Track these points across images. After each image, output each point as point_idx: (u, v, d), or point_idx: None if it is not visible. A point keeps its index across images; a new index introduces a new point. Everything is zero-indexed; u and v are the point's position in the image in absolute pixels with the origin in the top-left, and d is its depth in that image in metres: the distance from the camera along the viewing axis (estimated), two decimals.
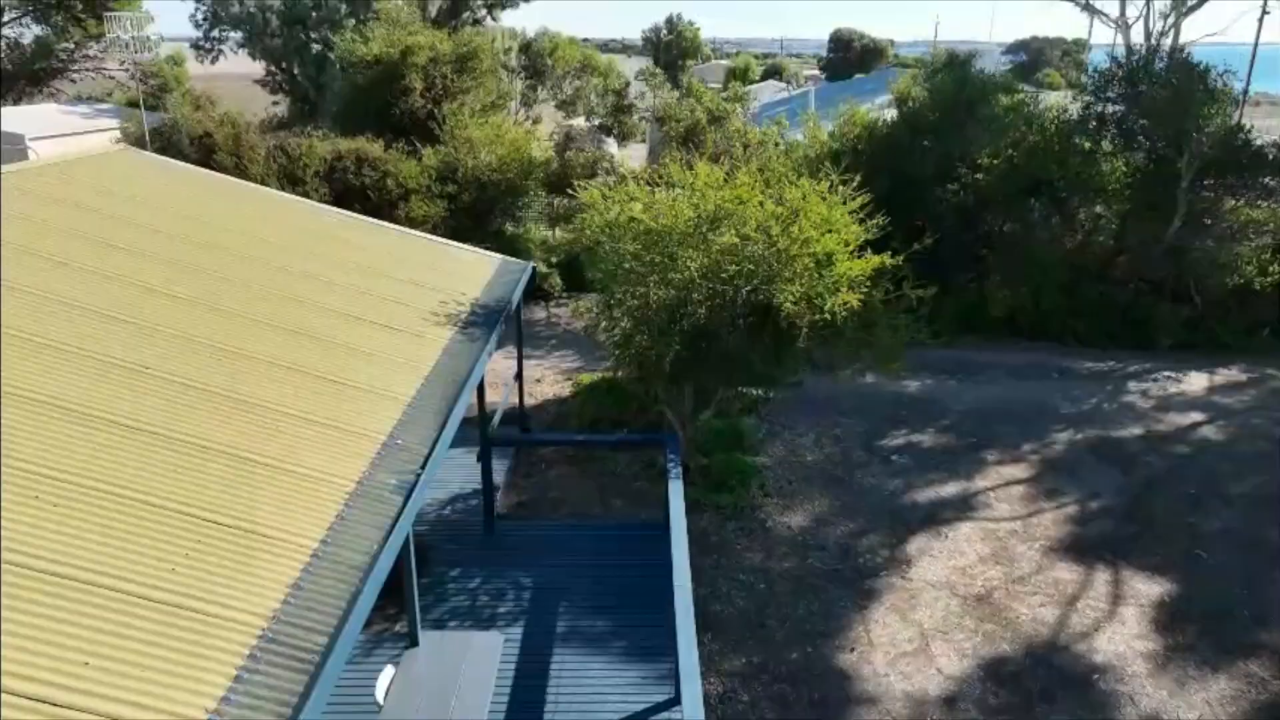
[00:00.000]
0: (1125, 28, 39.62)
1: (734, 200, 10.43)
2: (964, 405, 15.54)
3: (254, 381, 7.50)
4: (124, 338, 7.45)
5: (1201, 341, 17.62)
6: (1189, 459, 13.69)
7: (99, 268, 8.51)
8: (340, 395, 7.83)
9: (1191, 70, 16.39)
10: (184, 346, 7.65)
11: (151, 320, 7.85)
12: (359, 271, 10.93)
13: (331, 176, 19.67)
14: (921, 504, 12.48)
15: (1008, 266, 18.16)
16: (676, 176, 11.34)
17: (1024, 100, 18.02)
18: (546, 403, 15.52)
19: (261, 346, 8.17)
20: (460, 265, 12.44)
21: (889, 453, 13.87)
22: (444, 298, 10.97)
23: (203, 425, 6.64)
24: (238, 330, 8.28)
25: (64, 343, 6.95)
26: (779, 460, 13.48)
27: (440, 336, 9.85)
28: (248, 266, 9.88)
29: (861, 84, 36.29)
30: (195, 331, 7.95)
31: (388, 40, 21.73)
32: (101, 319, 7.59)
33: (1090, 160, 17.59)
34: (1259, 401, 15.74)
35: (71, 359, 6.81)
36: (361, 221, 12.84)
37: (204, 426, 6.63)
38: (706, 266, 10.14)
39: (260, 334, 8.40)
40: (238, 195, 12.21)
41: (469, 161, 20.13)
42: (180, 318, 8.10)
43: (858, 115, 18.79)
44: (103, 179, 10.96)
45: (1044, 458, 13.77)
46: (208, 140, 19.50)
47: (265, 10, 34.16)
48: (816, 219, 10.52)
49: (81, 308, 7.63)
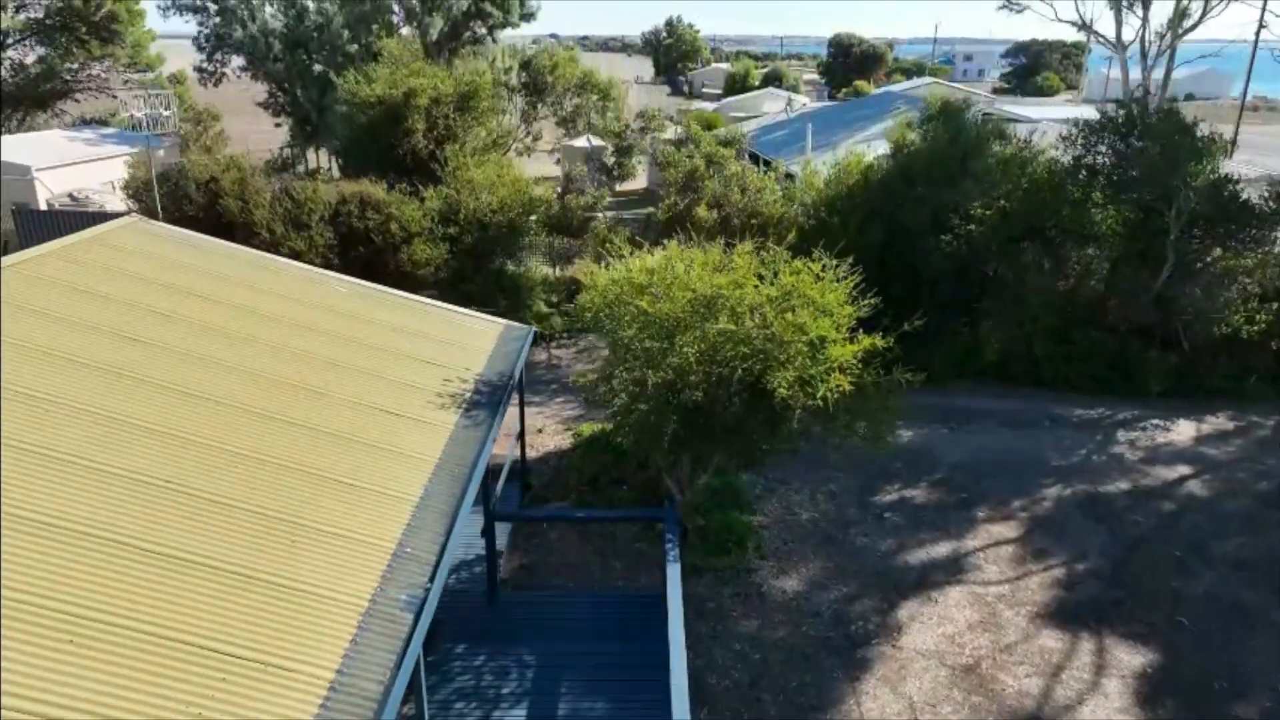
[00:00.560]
0: (1122, 48, 39.97)
1: (731, 285, 10.75)
2: (956, 457, 15.88)
3: (265, 489, 7.83)
4: (126, 442, 7.73)
5: (1190, 388, 17.95)
6: (1174, 517, 14.03)
7: (111, 362, 8.83)
8: (350, 499, 8.17)
9: (1179, 125, 16.70)
10: (191, 452, 7.93)
11: (158, 423, 8.14)
12: (367, 351, 11.26)
13: (336, 220, 19.97)
14: (913, 566, 12.82)
15: (1000, 312, 18.49)
16: (675, 257, 11.64)
17: (1017, 152, 18.29)
18: (548, 454, 15.87)
19: (273, 447, 8.51)
20: (464, 335, 12.78)
21: (882, 510, 14.21)
22: (449, 375, 11.31)
23: (214, 544, 6.95)
24: (249, 430, 8.61)
25: (68, 453, 7.24)
26: (774, 519, 13.82)
27: (446, 421, 10.19)
28: (258, 354, 10.21)
29: (860, 108, 36.56)
30: (204, 434, 8.27)
31: (390, 81, 22.03)
32: (107, 422, 7.89)
33: (1082, 208, 17.91)
34: (1244, 453, 16.07)
35: (77, 472, 7.10)
36: (369, 291, 13.19)
37: (216, 545, 6.94)
38: (703, 351, 10.47)
39: (271, 433, 8.73)
40: (245, 267, 12.52)
41: (470, 203, 20.44)
42: (188, 419, 8.41)
43: (853, 163, 19.09)
44: (116, 259, 11.29)
45: (1033, 515, 14.11)
46: (214, 185, 19.79)
47: (268, 35, 34.45)
48: (810, 299, 10.85)
49: (88, 411, 7.93)
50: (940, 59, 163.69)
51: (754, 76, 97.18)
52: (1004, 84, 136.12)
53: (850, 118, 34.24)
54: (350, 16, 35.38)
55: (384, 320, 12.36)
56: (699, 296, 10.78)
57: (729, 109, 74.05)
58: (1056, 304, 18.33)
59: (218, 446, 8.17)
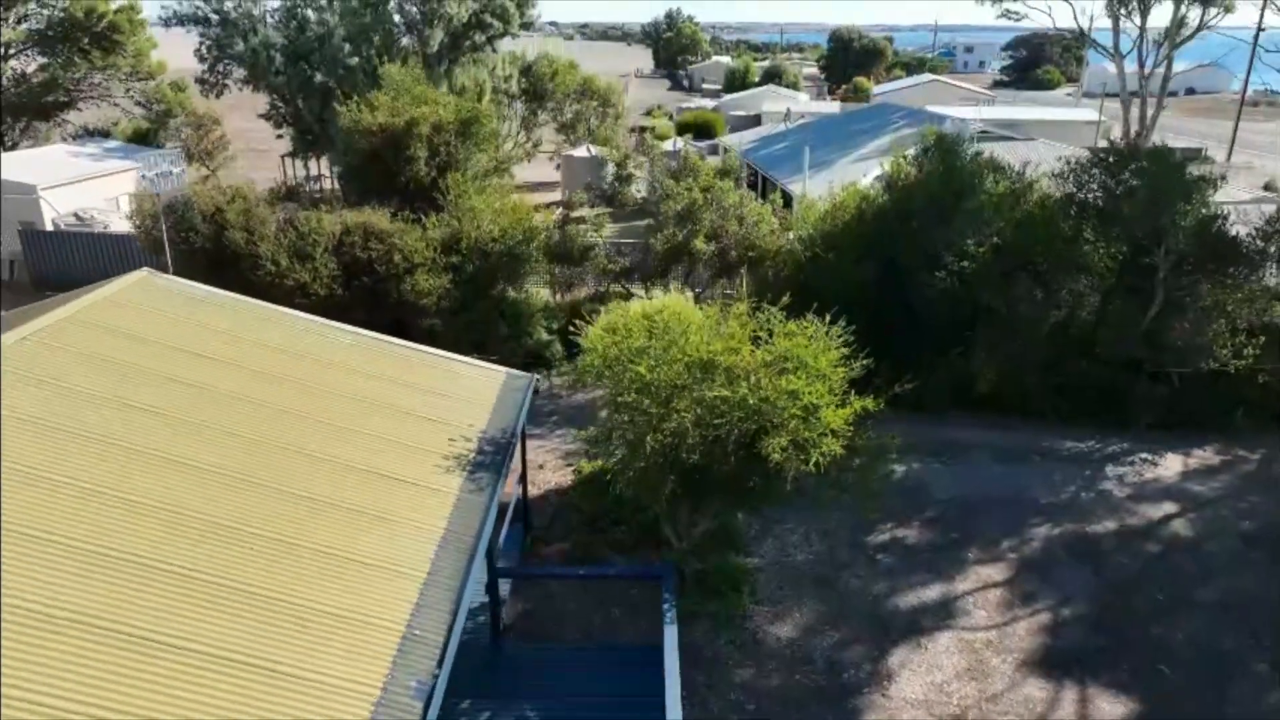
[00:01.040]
0: (1120, 57, 40.24)
1: (727, 350, 11.09)
2: (948, 493, 16.25)
3: (273, 571, 8.17)
4: (122, 521, 8.02)
5: (1179, 421, 18.29)
6: (1158, 559, 14.41)
7: (111, 434, 9.15)
8: (357, 577, 8.52)
9: (1168, 165, 17.00)
10: (193, 531, 8.24)
11: (156, 500, 8.45)
12: (372, 409, 11.61)
13: (340, 250, 20.27)
14: (904, 610, 13.21)
15: (993, 343, 18.80)
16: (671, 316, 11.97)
17: (1010, 188, 18.57)
18: (548, 492, 16.25)
19: (280, 523, 8.84)
20: (467, 388, 13.11)
21: (875, 550, 14.59)
22: (453, 434, 11.65)
23: (222, 632, 7.28)
24: (249, 505, 8.92)
25: (65, 536, 7.52)
26: (769, 561, 14.20)
27: (450, 486, 10.55)
28: (262, 419, 10.52)
29: (857, 120, 36.76)
30: (206, 510, 8.57)
31: (392, 110, 22.29)
32: (105, 500, 8.20)
33: (1073, 243, 18.21)
34: (1229, 489, 16.44)
35: (75, 556, 7.39)
36: (373, 342, 13.50)
37: (224, 633, 7.27)
38: (699, 415, 10.81)
39: (278, 508, 9.07)
40: (250, 321, 12.83)
41: (472, 233, 20.74)
42: (189, 494, 8.71)
43: (848, 197, 19.37)
44: (126, 321, 11.59)
45: (1022, 556, 14.49)
46: (219, 217, 20.08)
47: (269, 48, 34.64)
48: (804, 362, 11.19)
49: (84, 488, 8.23)
50: (941, 51, 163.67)
51: (754, 73, 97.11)
52: (1004, 77, 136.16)
53: (848, 131, 34.48)
54: (351, 29, 35.54)
55: (388, 374, 12.69)
56: (696, 361, 11.12)
57: (728, 107, 74.28)
58: (1048, 336, 18.64)
59: (222, 524, 8.49)
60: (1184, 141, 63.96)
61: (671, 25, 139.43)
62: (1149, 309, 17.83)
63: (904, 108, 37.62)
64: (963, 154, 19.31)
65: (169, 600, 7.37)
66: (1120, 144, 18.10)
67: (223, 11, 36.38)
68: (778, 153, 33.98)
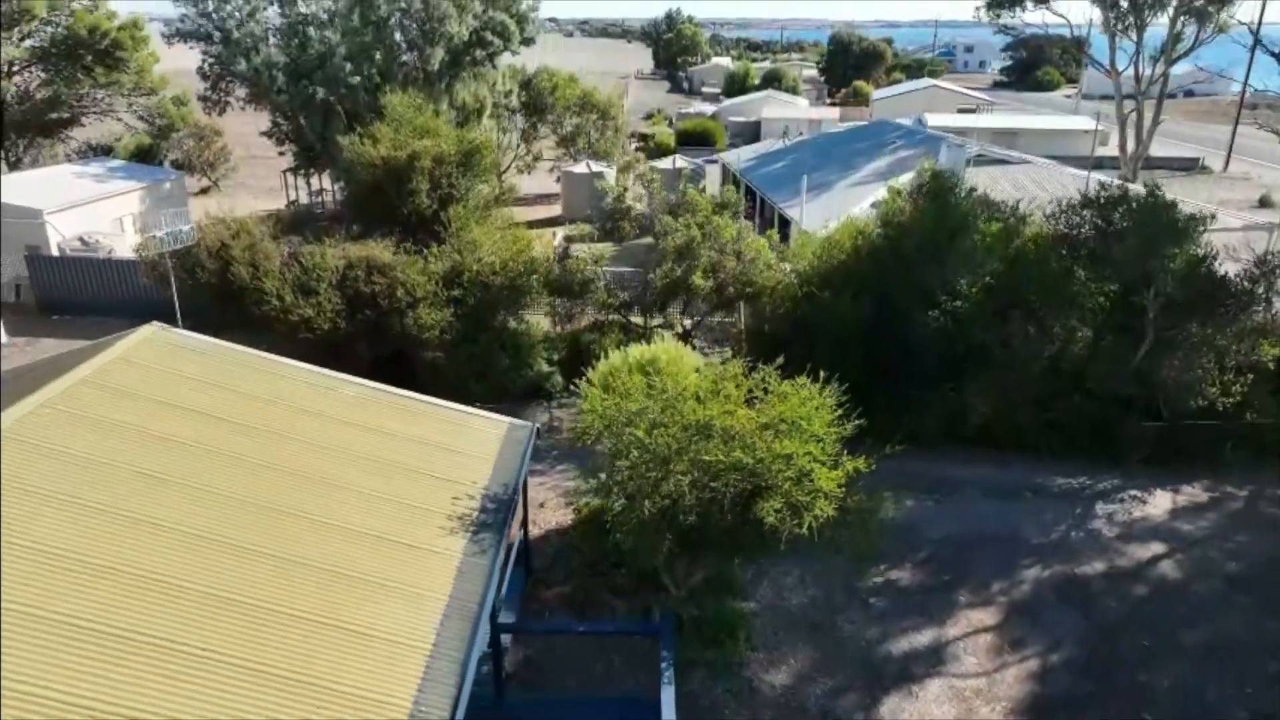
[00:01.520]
0: (1116, 74, 40.50)
1: (722, 414, 11.40)
2: (941, 532, 16.57)
3: (276, 646, 8.48)
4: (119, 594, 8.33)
5: (1169, 455, 18.61)
6: (1146, 602, 14.73)
7: (120, 507, 9.46)
8: (360, 650, 8.83)
9: (1158, 209, 17.29)
10: (197, 608, 8.54)
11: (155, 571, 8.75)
12: (376, 468, 11.92)
13: (343, 285, 20.57)
14: (896, 656, 13.54)
15: (985, 378, 19.10)
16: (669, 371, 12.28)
17: (1004, 226, 18.87)
18: (549, 532, 16.58)
19: (282, 594, 9.15)
20: (469, 441, 13.42)
21: (868, 594, 14.91)
22: (456, 492, 11.98)
23: (206, 706, 7.55)
24: (252, 576, 9.21)
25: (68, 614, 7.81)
26: (765, 605, 14.52)
27: (454, 549, 10.87)
28: (267, 482, 10.84)
29: (855, 139, 37.01)
30: (204, 582, 8.85)
31: (394, 143, 22.59)
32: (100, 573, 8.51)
33: (1065, 281, 18.52)
34: (1216, 528, 16.77)
35: (78, 636, 7.70)
36: (377, 395, 13.81)
37: (208, 707, 7.54)
38: (696, 478, 11.13)
39: (284, 578, 9.39)
40: (257, 376, 13.15)
41: (473, 266, 21.05)
42: (192, 566, 9.00)
43: (843, 235, 19.65)
44: (135, 381, 11.90)
45: (1011, 599, 14.81)
46: (224, 253, 20.39)
47: (271, 67, 34.90)
48: (797, 424, 11.51)
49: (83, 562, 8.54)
50: (941, 51, 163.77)
51: (753, 76, 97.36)
52: (1004, 78, 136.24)
53: (846, 151, 34.73)
54: (352, 48, 35.81)
55: (392, 429, 13.01)
56: (692, 424, 11.43)
57: (728, 113, 74.60)
58: (1040, 371, 18.94)
59: (225, 598, 8.80)
60: (1182, 149, 64.28)
61: (671, 26, 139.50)
62: (1140, 347, 18.13)
63: (901, 126, 37.87)
64: (957, 191, 19.62)
65: (165, 677, 7.68)
66: (1112, 186, 18.33)
67: (225, 29, 36.65)
68: (776, 172, 34.24)
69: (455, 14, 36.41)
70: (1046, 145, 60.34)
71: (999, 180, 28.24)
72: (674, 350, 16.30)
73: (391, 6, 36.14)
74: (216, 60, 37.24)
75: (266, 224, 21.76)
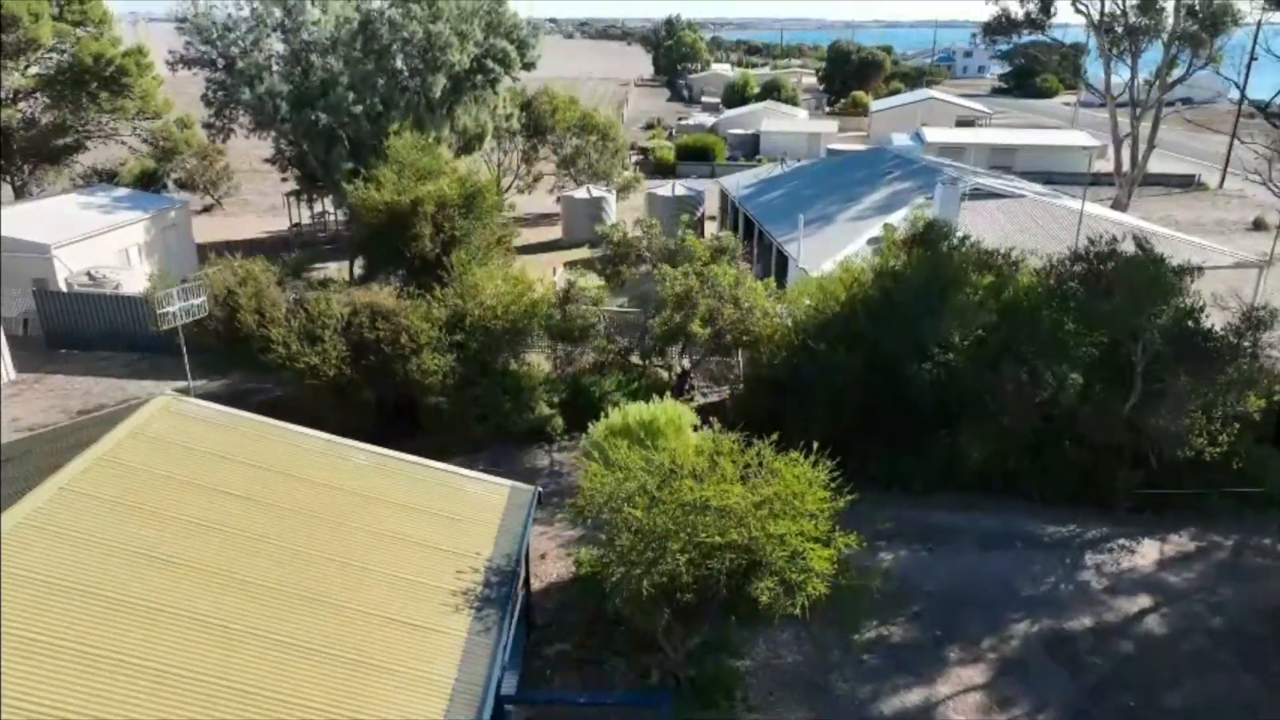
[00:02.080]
0: (1112, 99, 40.90)
1: (718, 493, 11.81)
2: (933, 585, 16.95)
3: None
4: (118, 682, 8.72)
5: (1158, 503, 19.01)
6: (1131, 660, 15.12)
7: (133, 596, 9.86)
8: None
9: (1145, 267, 17.68)
10: (198, 697, 8.94)
11: (155, 661, 9.13)
12: (381, 542, 12.32)
13: (349, 331, 20.99)
14: (888, 716, 13.94)
15: (978, 425, 19.50)
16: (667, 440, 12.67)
17: (996, 281, 19.26)
18: (550, 586, 16.97)
19: (291, 682, 9.53)
20: (473, 507, 13.82)
21: (861, 650, 15.30)
22: (460, 564, 12.38)
23: None
24: (262, 664, 9.60)
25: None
26: (761, 663, 14.92)
27: (459, 628, 11.26)
28: (275, 562, 11.24)
29: (853, 168, 37.37)
30: (209, 671, 9.24)
31: (397, 188, 22.99)
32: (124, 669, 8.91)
33: (1056, 332, 18.91)
34: (1202, 580, 17.17)
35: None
36: (384, 461, 14.22)
37: None
38: (692, 557, 11.54)
39: (288, 663, 9.75)
40: (266, 446, 13.54)
41: (476, 311, 21.45)
42: (194, 656, 9.37)
43: (837, 286, 20.03)
44: (147, 457, 12.30)
45: (1001, 656, 15.21)
46: (231, 300, 20.79)
47: (275, 96, 35.26)
48: (791, 502, 11.92)
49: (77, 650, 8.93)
50: (940, 56, 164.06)
51: (753, 85, 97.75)
52: (1003, 84, 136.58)
53: (843, 181, 35.10)
54: (355, 76, 36.18)
55: (398, 499, 13.40)
56: (690, 502, 11.83)
57: (727, 125, 75.02)
58: (1031, 419, 19.32)
59: (233, 687, 9.20)
60: (1179, 164, 64.68)
61: (672, 33, 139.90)
62: (1129, 396, 18.51)
63: (897, 155, 38.20)
64: (951, 238, 20.01)
65: None
66: (1101, 243, 18.70)
67: (229, 56, 37.03)
68: (774, 202, 34.60)
69: (457, 43, 36.78)
70: (1044, 161, 60.89)
71: (994, 216, 28.65)
72: (672, 410, 16.70)
73: (394, 35, 36.49)
74: (220, 87, 37.62)
75: (273, 269, 22.10)
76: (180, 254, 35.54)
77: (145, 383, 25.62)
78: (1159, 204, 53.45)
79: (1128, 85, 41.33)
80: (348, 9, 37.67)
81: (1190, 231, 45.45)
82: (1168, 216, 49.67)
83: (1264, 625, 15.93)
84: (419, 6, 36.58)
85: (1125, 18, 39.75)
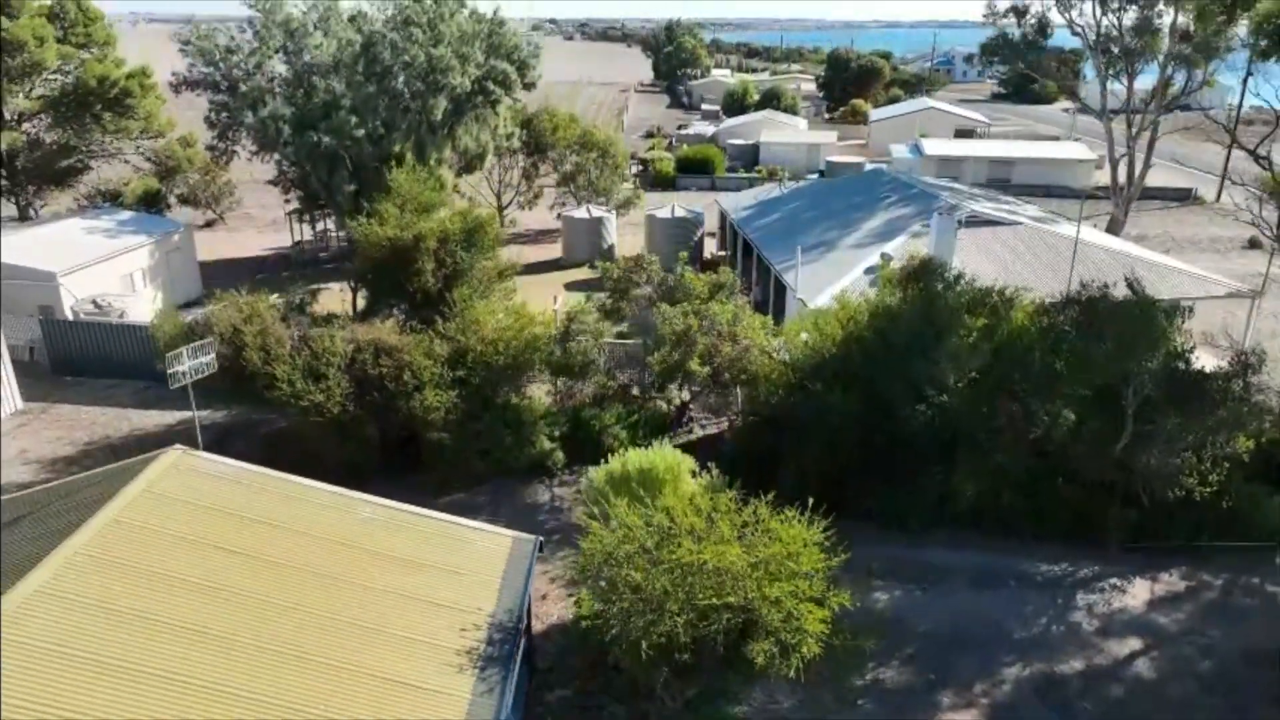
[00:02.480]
0: (1108, 118, 41.18)
1: (715, 555, 12.12)
2: (926, 625, 17.26)
3: None
4: None
5: (1149, 542, 19.31)
6: (1121, 704, 15.42)
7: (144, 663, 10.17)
8: None
9: (1136, 314, 17.98)
10: None
11: None
12: (385, 599, 12.62)
13: (352, 368, 21.29)
14: None
15: (972, 462, 19.80)
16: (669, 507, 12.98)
17: (990, 323, 19.55)
18: (551, 628, 17.27)
19: None
20: (476, 557, 14.14)
21: (856, 695, 15.60)
22: (464, 622, 12.68)
23: None
24: None
25: None
26: (757, 709, 15.21)
27: (462, 689, 11.57)
28: (282, 624, 11.55)
29: (850, 192, 37.62)
30: None
31: (399, 224, 23.29)
32: None
33: (1049, 369, 19.21)
34: (1191, 621, 17.47)
35: None
36: (391, 514, 14.52)
37: None
38: (690, 620, 11.85)
39: None
40: (274, 501, 13.86)
41: (477, 347, 21.74)
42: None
43: (833, 326, 20.32)
44: (158, 516, 12.62)
45: (993, 701, 15.51)
46: (236, 338, 21.08)
47: (278, 119, 35.57)
48: (787, 564, 12.23)
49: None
50: (939, 61, 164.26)
51: (752, 94, 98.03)
52: (1002, 89, 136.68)
53: (841, 205, 35.37)
54: (357, 99, 36.49)
55: (402, 553, 13.71)
56: (687, 565, 12.14)
57: (727, 135, 75.27)
58: (1024, 457, 19.63)
59: None
60: (1176, 177, 64.88)
61: (672, 39, 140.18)
62: (1119, 440, 18.81)
63: (894, 179, 38.44)
64: (946, 277, 20.30)
65: None
66: (1093, 288, 19.02)
67: (232, 79, 37.35)
68: (773, 226, 34.88)
69: (458, 65, 37.09)
70: (1042, 174, 61.22)
71: (990, 245, 28.95)
72: (671, 458, 17.01)
73: (395, 58, 36.79)
74: (224, 109, 37.94)
75: (276, 306, 22.39)
76: (184, 276, 35.88)
77: (151, 412, 25.93)
78: (1156, 220, 53.70)
79: (1124, 105, 41.60)
80: (350, 31, 37.99)
81: (1186, 249, 45.90)
82: (1164, 234, 49.99)
83: (1251, 669, 16.23)
84: (420, 30, 36.88)
85: (1121, 39, 40.03)
